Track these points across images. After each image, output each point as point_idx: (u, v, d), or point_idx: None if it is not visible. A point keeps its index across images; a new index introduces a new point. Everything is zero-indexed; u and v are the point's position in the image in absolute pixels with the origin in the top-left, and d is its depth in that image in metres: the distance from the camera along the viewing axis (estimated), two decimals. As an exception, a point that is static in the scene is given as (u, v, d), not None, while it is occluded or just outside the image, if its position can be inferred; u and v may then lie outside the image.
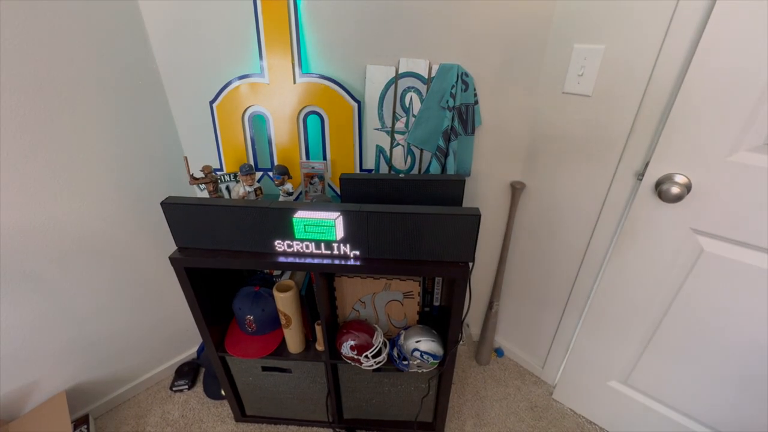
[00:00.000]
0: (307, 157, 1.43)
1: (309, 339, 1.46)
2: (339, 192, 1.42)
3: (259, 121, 1.40)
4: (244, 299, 1.38)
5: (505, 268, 1.77)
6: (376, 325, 1.40)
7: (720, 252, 1.15)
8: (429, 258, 1.11)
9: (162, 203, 1.11)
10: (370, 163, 1.47)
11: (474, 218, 1.04)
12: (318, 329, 1.39)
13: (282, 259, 1.15)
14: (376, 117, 1.39)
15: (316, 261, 1.14)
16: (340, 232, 1.11)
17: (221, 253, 1.16)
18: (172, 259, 1.17)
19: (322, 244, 1.13)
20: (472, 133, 1.42)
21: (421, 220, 1.05)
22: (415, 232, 1.07)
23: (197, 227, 1.14)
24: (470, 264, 1.12)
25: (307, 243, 1.13)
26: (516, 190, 1.56)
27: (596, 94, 1.27)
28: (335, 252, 1.14)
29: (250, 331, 1.42)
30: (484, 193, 1.61)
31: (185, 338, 1.88)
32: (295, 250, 1.15)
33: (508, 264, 1.77)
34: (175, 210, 1.11)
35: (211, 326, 1.36)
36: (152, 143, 1.44)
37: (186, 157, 1.25)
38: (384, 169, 1.46)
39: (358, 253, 1.13)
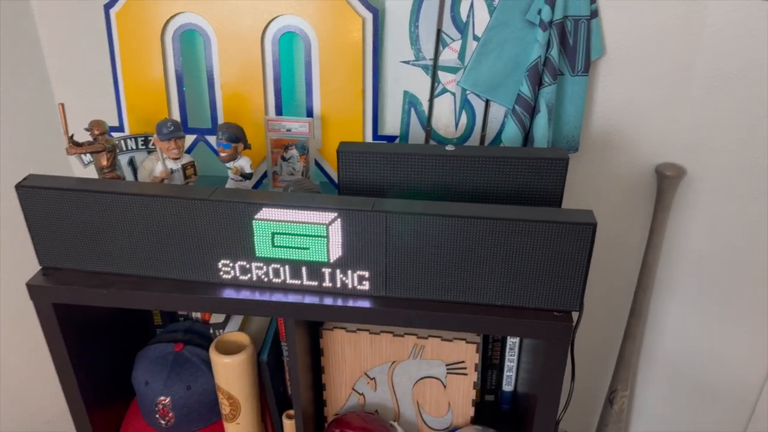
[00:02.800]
0: (279, 112, 1.27)
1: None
2: (335, 176, 1.27)
3: (192, 41, 1.23)
4: (155, 367, 1.16)
5: (643, 325, 1.43)
6: (395, 424, 1.19)
7: None
8: (496, 300, 0.93)
9: (17, 186, 0.93)
10: (391, 125, 1.30)
11: (585, 229, 0.85)
12: (288, 427, 1.19)
13: (230, 293, 0.96)
14: (407, 40, 1.20)
15: (290, 298, 0.96)
16: (336, 248, 0.94)
17: (116, 279, 0.99)
18: (32, 288, 0.95)
19: (304, 269, 0.96)
20: (586, 71, 1.16)
21: (483, 229, 0.89)
22: (474, 251, 0.91)
23: (78, 232, 0.97)
24: (575, 315, 0.91)
25: (277, 266, 0.95)
26: (666, 179, 1.24)
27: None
28: (326, 284, 0.97)
29: (164, 426, 1.21)
30: (600, 186, 1.33)
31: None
32: (255, 278, 0.96)
33: (650, 318, 1.44)
34: (38, 199, 0.93)
35: (95, 412, 1.16)
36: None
37: (62, 105, 1.01)
38: (418, 135, 1.30)
39: (367, 286, 0.96)
